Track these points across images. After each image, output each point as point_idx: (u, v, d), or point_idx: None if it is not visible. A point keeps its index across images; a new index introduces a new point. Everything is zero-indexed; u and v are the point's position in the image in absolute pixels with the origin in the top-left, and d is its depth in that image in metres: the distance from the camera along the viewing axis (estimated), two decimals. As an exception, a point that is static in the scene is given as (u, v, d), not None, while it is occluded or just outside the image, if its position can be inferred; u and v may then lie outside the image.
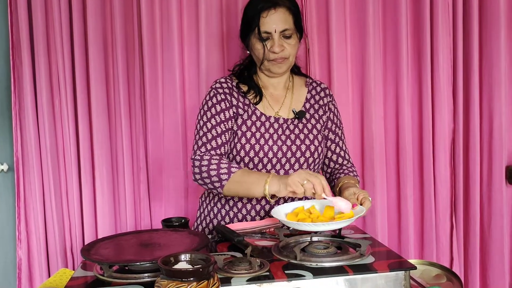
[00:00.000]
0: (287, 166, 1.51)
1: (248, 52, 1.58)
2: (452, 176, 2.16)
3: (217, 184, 1.42)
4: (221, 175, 1.40)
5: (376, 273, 1.03)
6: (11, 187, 2.14)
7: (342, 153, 1.66)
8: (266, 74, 1.58)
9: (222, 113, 1.51)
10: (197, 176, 1.46)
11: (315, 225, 1.16)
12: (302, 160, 1.52)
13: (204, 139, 1.49)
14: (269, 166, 1.50)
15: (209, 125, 1.50)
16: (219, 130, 1.49)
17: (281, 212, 1.31)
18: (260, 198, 1.48)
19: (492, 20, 2.07)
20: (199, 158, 1.46)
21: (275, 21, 1.47)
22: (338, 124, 1.67)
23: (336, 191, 1.53)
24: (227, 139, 1.51)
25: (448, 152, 2.14)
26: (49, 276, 2.05)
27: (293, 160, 1.51)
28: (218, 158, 1.45)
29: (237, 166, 1.42)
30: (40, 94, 2.00)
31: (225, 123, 1.50)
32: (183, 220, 1.53)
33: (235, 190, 1.41)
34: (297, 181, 1.28)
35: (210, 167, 1.42)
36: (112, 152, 2.09)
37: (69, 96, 2.01)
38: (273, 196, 1.36)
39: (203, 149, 1.48)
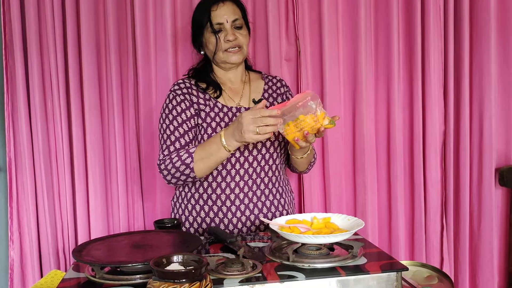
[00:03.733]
0: (254, 152, 1.56)
1: (202, 53, 1.65)
2: (442, 177, 2.18)
3: (187, 171, 1.46)
4: (185, 161, 1.45)
5: (368, 274, 1.04)
6: (3, 187, 2.13)
7: None
8: (222, 67, 1.64)
9: (183, 113, 1.55)
10: (168, 177, 1.51)
11: (315, 237, 1.13)
12: (268, 144, 1.58)
13: (168, 142, 1.54)
14: (237, 154, 1.55)
15: (171, 127, 1.54)
16: (181, 131, 1.54)
17: (277, 224, 1.27)
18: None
19: (482, 24, 2.09)
20: (162, 162, 1.51)
21: (225, 12, 1.56)
22: None
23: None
24: (191, 138, 1.55)
25: (438, 154, 2.15)
26: (42, 277, 2.04)
27: (259, 145, 1.57)
28: (176, 152, 1.50)
29: (192, 146, 1.49)
30: (32, 94, 1.99)
31: (187, 122, 1.55)
32: (175, 221, 1.53)
33: (205, 166, 1.46)
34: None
35: (173, 161, 1.47)
36: (105, 152, 2.08)
37: (62, 96, 2.01)
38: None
39: (166, 152, 1.53)
